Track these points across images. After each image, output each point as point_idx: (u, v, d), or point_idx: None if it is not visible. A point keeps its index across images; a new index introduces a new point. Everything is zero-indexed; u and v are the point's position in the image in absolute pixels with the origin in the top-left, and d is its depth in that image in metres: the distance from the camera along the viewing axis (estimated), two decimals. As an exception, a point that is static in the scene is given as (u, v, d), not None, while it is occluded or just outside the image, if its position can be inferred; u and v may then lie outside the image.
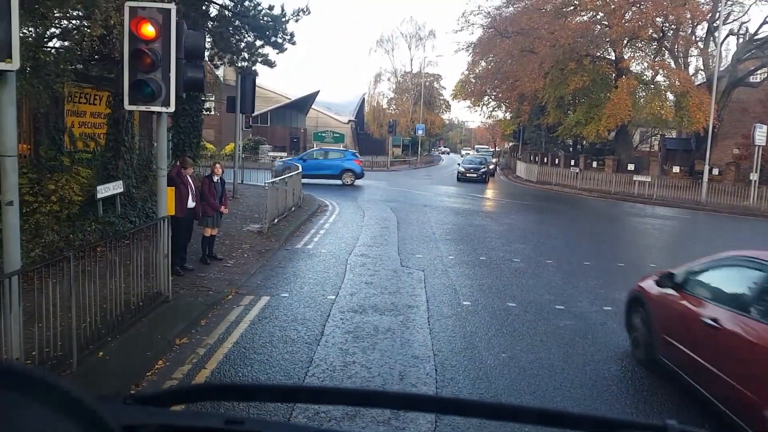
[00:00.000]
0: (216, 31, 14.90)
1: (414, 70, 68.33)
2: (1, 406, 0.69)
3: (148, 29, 6.45)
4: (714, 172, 29.64)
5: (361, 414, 4.50)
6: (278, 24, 15.55)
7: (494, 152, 69.29)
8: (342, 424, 4.38)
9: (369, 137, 64.63)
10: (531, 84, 33.00)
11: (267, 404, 4.24)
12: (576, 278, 9.96)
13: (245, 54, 16.07)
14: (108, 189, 9.90)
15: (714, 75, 28.38)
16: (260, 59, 16.53)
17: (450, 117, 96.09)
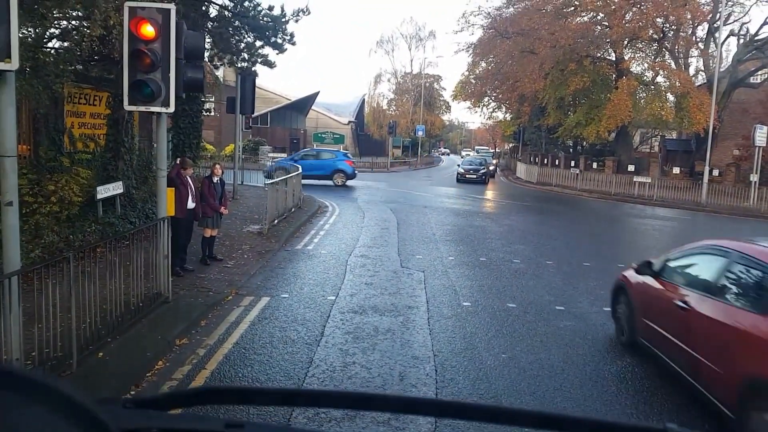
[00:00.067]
0: (216, 32, 14.89)
1: (414, 71, 68.48)
2: (1, 409, 0.68)
3: (148, 29, 6.45)
4: (714, 173, 29.62)
5: (361, 415, 4.49)
6: (278, 24, 15.54)
7: (494, 153, 69.24)
8: (342, 425, 4.37)
9: (369, 138, 64.68)
10: (531, 85, 32.96)
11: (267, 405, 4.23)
12: (576, 279, 9.96)
13: (245, 54, 16.05)
14: (108, 190, 9.90)
15: (714, 76, 28.38)
16: (260, 60, 16.51)
17: (450, 118, 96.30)
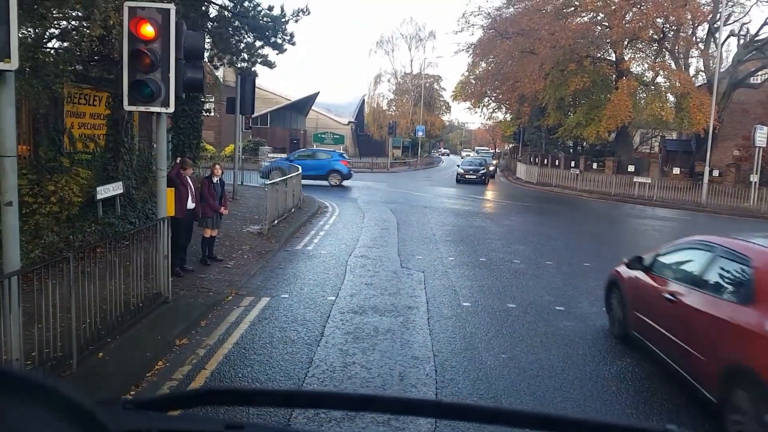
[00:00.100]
0: (215, 32, 14.88)
1: (414, 72, 68.42)
2: (1, 411, 0.68)
3: (148, 29, 6.45)
4: (714, 174, 29.60)
5: (361, 415, 4.49)
6: (278, 24, 15.53)
7: (494, 154, 69.21)
8: (342, 425, 4.37)
9: (369, 139, 64.68)
10: (531, 85, 32.95)
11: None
12: (576, 279, 9.95)
13: (245, 55, 16.04)
14: (108, 190, 9.90)
15: (714, 76, 28.37)
16: (260, 60, 16.50)
17: (450, 118, 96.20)
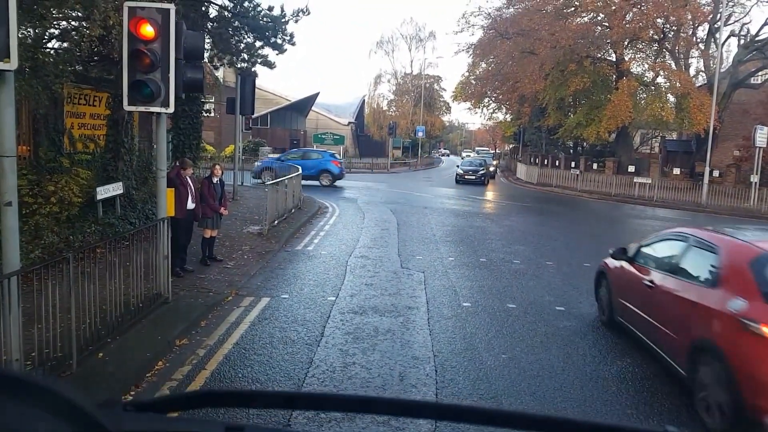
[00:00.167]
0: (215, 32, 14.88)
1: (414, 72, 68.46)
2: (1, 412, 0.68)
3: (147, 29, 6.45)
4: (714, 174, 29.58)
5: (361, 415, 4.48)
6: (278, 25, 15.52)
7: (495, 154, 69.20)
8: (342, 425, 4.37)
9: (369, 139, 64.68)
10: (531, 85, 32.93)
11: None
12: (576, 280, 9.94)
13: (245, 55, 16.03)
14: (108, 190, 9.90)
15: (715, 76, 28.35)
16: (260, 60, 16.49)
17: (450, 119, 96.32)
